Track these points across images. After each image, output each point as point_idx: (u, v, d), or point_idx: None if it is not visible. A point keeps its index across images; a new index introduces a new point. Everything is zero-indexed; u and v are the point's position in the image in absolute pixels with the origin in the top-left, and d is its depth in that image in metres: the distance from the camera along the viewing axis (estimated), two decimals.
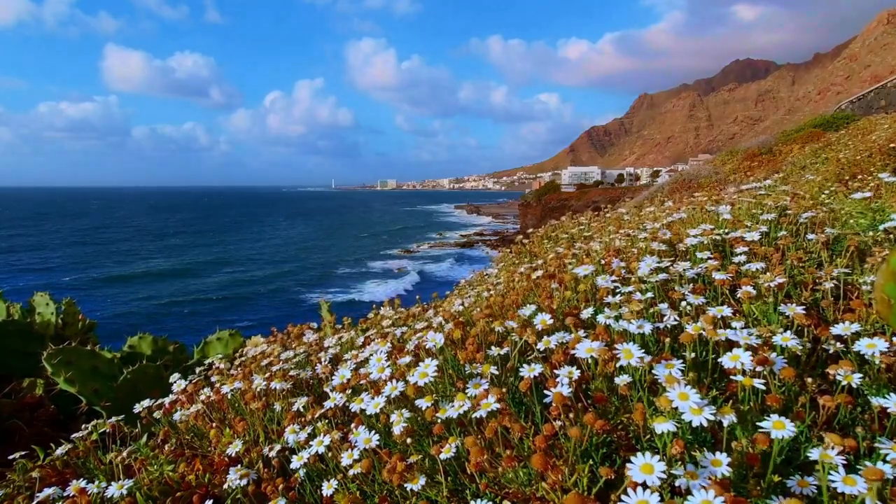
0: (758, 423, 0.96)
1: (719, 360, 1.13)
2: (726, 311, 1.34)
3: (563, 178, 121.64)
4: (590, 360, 1.25)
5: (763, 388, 1.04)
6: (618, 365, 1.17)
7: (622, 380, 1.13)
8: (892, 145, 4.74)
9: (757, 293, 1.45)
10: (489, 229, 70.64)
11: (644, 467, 0.87)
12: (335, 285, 36.07)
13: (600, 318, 1.43)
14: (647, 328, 1.34)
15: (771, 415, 0.96)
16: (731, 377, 1.08)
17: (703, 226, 2.12)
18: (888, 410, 0.98)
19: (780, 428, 0.93)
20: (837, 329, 1.20)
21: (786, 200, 2.51)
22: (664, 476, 0.85)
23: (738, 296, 1.45)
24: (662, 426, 0.96)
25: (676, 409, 0.96)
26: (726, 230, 2.09)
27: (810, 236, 1.95)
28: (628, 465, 0.88)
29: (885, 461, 0.88)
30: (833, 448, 0.87)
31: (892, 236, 1.85)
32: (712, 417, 0.95)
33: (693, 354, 1.20)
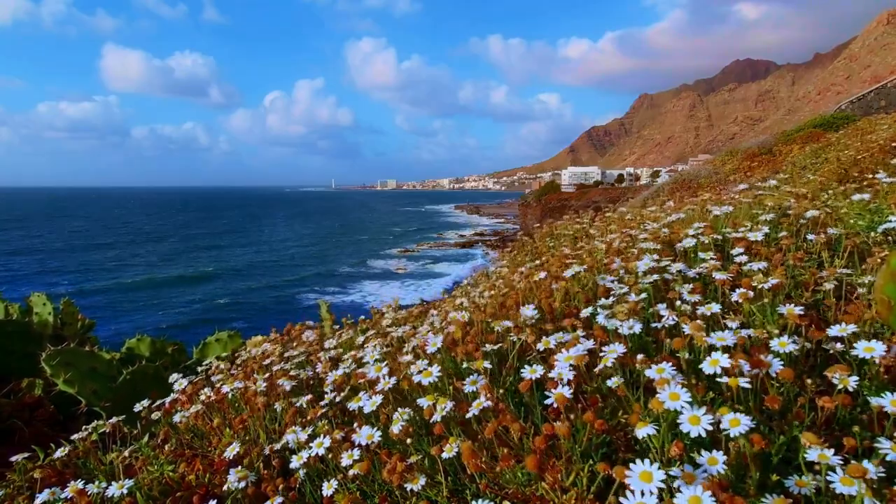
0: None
1: (699, 366, 1.13)
2: (715, 307, 1.35)
3: (563, 178, 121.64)
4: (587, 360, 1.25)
5: (748, 386, 1.04)
6: (604, 365, 1.18)
7: (615, 381, 1.13)
8: (893, 144, 4.74)
9: (756, 294, 1.45)
10: (489, 229, 70.68)
11: (643, 475, 0.87)
12: (336, 286, 36.05)
13: (600, 318, 1.43)
14: (638, 328, 1.34)
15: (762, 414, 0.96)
16: (717, 379, 1.08)
17: (696, 224, 2.12)
18: (886, 411, 0.98)
19: (735, 425, 0.94)
20: (834, 330, 1.20)
21: (789, 201, 2.51)
22: (662, 485, 0.85)
23: (736, 297, 1.45)
24: (643, 430, 0.97)
25: (669, 410, 0.96)
26: (727, 230, 2.09)
27: (810, 236, 1.95)
28: (627, 472, 0.88)
29: (883, 461, 0.88)
30: (812, 447, 0.89)
31: (890, 238, 1.85)
32: (710, 427, 0.94)
33: (690, 356, 1.20)
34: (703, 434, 0.94)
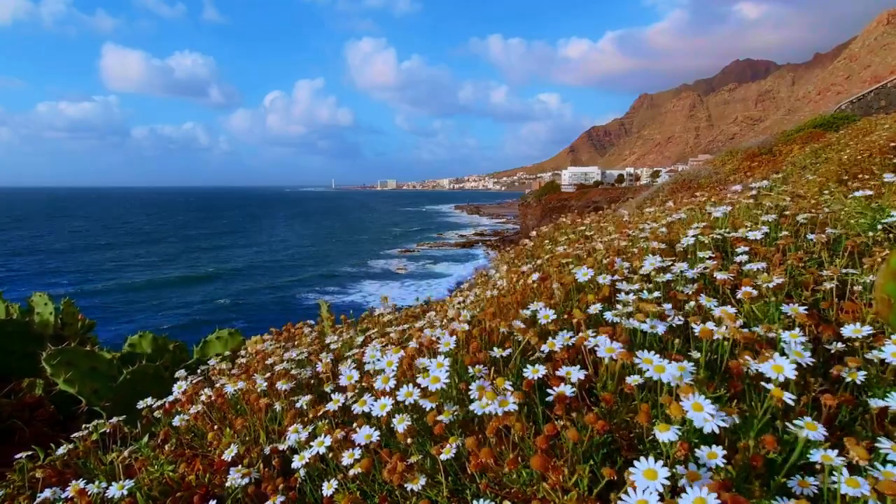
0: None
1: (760, 368, 1.05)
2: (731, 310, 1.34)
3: (563, 178, 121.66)
4: (598, 360, 1.24)
5: (792, 403, 0.98)
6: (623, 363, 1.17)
7: (633, 379, 1.12)
8: (892, 145, 4.74)
9: (758, 293, 1.45)
10: (490, 229, 70.71)
11: (647, 473, 0.86)
12: (336, 286, 36.04)
13: (608, 315, 1.42)
14: (661, 328, 1.31)
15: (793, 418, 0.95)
16: (738, 378, 1.07)
17: (696, 224, 2.12)
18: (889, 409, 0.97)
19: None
20: (847, 330, 1.19)
21: (786, 201, 2.51)
22: (667, 482, 0.84)
23: (739, 296, 1.44)
24: (665, 435, 0.93)
25: (687, 414, 0.95)
26: (727, 230, 2.09)
27: (810, 236, 1.95)
28: (631, 469, 0.87)
29: (885, 461, 0.88)
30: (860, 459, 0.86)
31: (891, 235, 1.84)
32: (725, 425, 0.93)
33: (706, 356, 1.19)
34: (717, 430, 0.92)
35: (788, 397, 0.97)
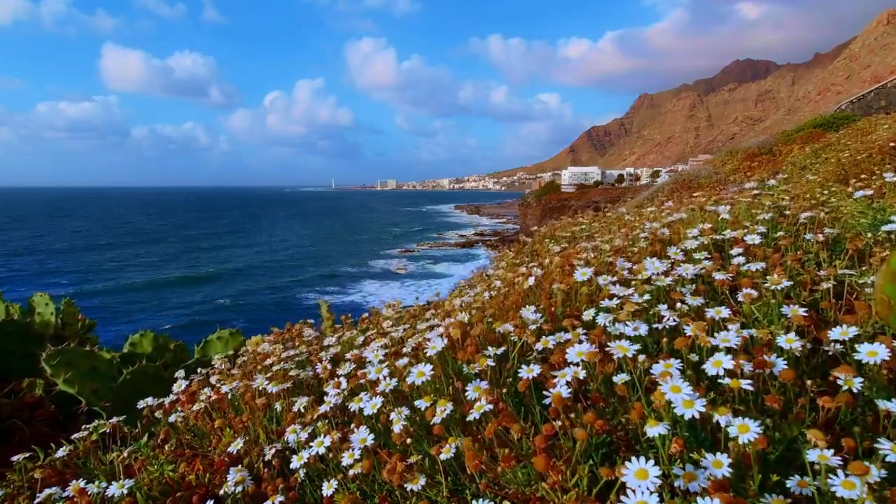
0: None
1: (703, 366, 1.12)
2: (724, 312, 1.34)
3: (563, 178, 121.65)
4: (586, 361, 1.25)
5: (751, 388, 1.05)
6: (616, 358, 1.18)
7: (621, 378, 1.13)
8: (893, 145, 4.73)
9: (758, 295, 1.45)
10: (490, 229, 70.72)
11: (639, 473, 0.87)
12: (336, 286, 36.06)
13: (600, 320, 1.43)
14: (644, 329, 1.33)
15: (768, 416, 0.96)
16: (720, 380, 1.08)
17: (700, 225, 2.12)
18: (890, 412, 0.98)
19: (745, 431, 0.94)
20: (835, 333, 1.19)
21: (785, 201, 2.51)
22: (658, 481, 0.85)
23: (739, 298, 1.44)
24: (654, 430, 0.95)
25: (670, 402, 0.96)
26: (726, 231, 2.09)
27: (808, 236, 1.95)
28: (623, 470, 0.87)
29: (883, 462, 0.88)
30: (815, 447, 0.88)
31: (893, 236, 1.84)
32: (703, 409, 0.95)
33: (697, 357, 1.20)
34: (696, 416, 0.95)
35: (746, 384, 1.05)
